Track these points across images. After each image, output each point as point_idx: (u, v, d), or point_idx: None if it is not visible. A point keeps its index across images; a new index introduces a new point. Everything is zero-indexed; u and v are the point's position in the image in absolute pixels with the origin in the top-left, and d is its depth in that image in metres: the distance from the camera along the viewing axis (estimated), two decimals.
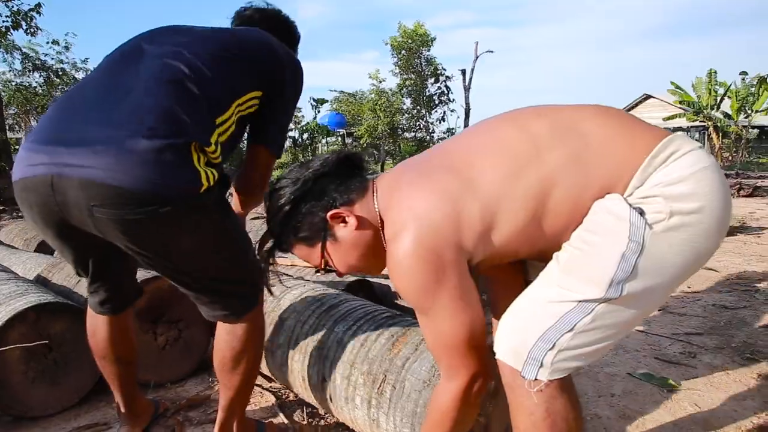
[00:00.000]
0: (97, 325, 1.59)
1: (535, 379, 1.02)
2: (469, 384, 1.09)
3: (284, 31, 1.71)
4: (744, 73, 20.09)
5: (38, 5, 10.94)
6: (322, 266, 1.24)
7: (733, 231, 5.41)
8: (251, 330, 1.45)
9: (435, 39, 19.32)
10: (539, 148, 1.05)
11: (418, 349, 1.47)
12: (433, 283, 1.04)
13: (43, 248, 3.79)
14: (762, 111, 20.46)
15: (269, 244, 1.27)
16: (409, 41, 18.90)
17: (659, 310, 2.95)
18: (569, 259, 1.04)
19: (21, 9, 10.92)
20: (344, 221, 1.16)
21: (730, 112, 20.73)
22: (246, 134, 1.57)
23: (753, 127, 23.13)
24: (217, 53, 1.35)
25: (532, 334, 1.02)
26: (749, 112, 20.72)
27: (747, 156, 22.05)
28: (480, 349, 1.09)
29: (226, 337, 1.44)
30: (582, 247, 1.02)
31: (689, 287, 3.39)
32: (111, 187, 1.11)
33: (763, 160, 20.87)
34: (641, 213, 0.98)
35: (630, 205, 0.99)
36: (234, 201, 1.68)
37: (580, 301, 1.00)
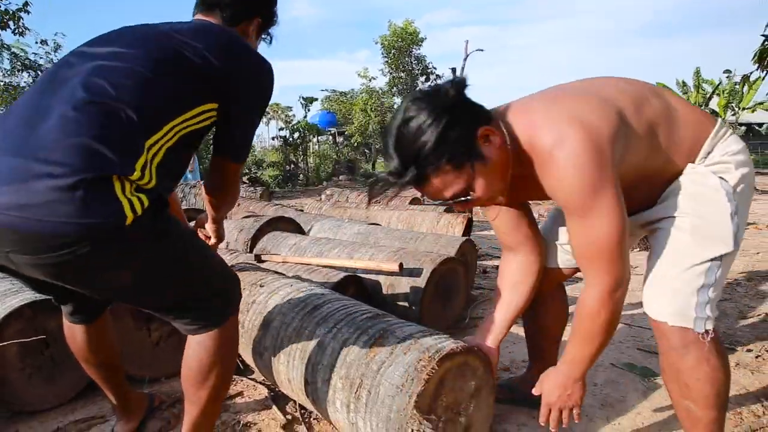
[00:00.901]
0: (74, 332, 1.58)
1: (705, 332, 1.24)
2: (614, 287, 1.23)
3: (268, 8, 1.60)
4: (728, 71, 20.32)
5: (26, 4, 10.85)
6: (463, 196, 1.21)
7: None
8: (222, 341, 1.36)
9: (425, 39, 19.38)
10: (644, 96, 1.28)
11: (393, 353, 1.48)
12: (599, 180, 1.15)
13: None
14: (749, 108, 20.72)
15: (405, 178, 1.17)
16: (399, 40, 18.94)
17: (641, 304, 3.03)
18: (694, 228, 1.25)
19: (8, 9, 10.85)
20: (489, 140, 1.20)
21: (717, 110, 20.95)
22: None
23: (740, 125, 23.37)
24: (160, 64, 1.20)
25: (691, 295, 1.24)
26: (736, 109, 20.95)
27: None
28: (624, 256, 1.21)
29: (195, 347, 1.35)
30: (701, 217, 1.25)
31: None
32: (17, 233, 0.99)
33: (750, 156, 21.08)
34: (723, 179, 1.26)
35: (715, 173, 1.26)
36: (206, 207, 1.66)
37: (713, 259, 1.23)
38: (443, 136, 1.13)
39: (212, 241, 1.81)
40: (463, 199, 1.22)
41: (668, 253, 1.29)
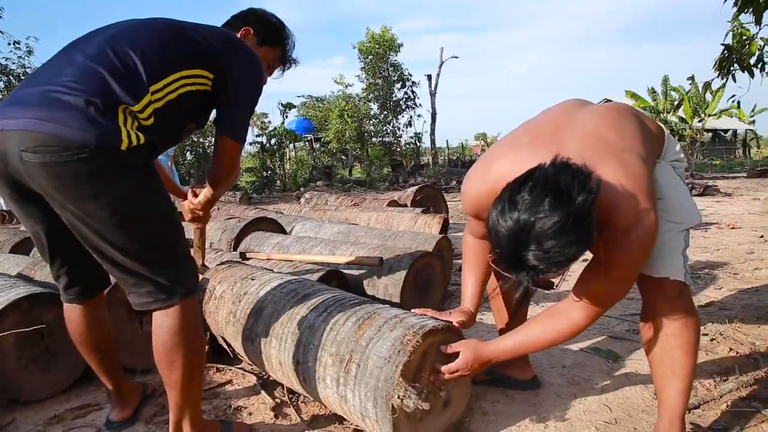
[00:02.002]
0: (72, 315, 1.69)
1: (690, 284, 1.52)
2: (584, 326, 1.47)
3: (263, 26, 1.88)
4: (691, 78, 21.02)
5: None
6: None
7: None
8: (180, 324, 1.45)
9: (402, 45, 19.61)
10: (638, 129, 1.49)
11: (381, 330, 1.60)
12: (643, 260, 1.39)
13: (15, 250, 3.84)
14: (714, 115, 21.44)
15: (526, 280, 1.20)
16: (377, 46, 19.13)
17: None
18: (672, 206, 1.50)
19: None
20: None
21: (684, 117, 21.64)
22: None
23: (706, 131, 24.13)
24: (164, 34, 1.50)
25: (678, 256, 1.50)
26: (702, 116, 21.66)
27: (701, 158, 22.99)
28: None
29: (157, 330, 1.46)
30: (673, 197, 1.51)
31: None
32: (36, 133, 1.25)
33: (716, 162, 21.81)
34: (677, 169, 1.58)
35: (672, 167, 1.57)
36: (205, 190, 1.84)
37: (687, 228, 1.53)
38: (574, 254, 1.17)
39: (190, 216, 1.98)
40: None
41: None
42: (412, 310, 1.74)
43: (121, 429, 1.82)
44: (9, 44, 12.45)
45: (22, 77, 12.85)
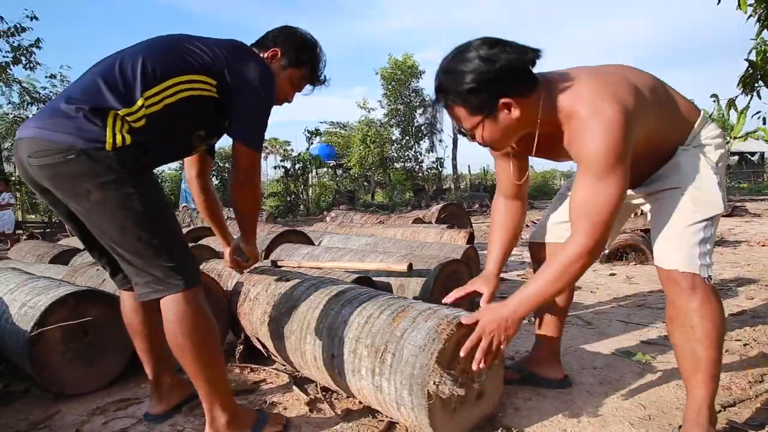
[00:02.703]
0: (124, 301, 1.81)
1: (708, 276, 1.49)
2: (591, 250, 1.41)
3: (291, 46, 1.87)
4: (714, 96, 20.82)
5: (38, 40, 11.29)
6: (469, 132, 1.50)
7: None
8: (183, 313, 1.52)
9: (424, 72, 19.90)
10: (654, 82, 1.54)
11: (415, 321, 1.65)
12: (621, 152, 1.36)
13: (54, 262, 3.98)
14: (740, 137, 21.13)
15: (438, 100, 1.49)
16: (399, 72, 19.43)
17: (638, 306, 3.20)
18: (693, 196, 1.51)
19: (21, 45, 11.23)
20: (510, 110, 1.43)
21: None
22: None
23: (732, 154, 23.78)
24: (168, 45, 1.61)
25: (695, 246, 1.49)
26: (728, 138, 21.38)
27: (728, 181, 22.62)
28: (609, 227, 1.42)
29: (164, 321, 1.55)
30: (697, 187, 1.52)
31: None
32: (35, 140, 1.44)
33: (743, 185, 21.45)
34: (707, 157, 1.54)
35: (702, 153, 1.55)
36: (242, 245, 2.04)
37: (708, 218, 1.50)
38: (472, 90, 1.39)
39: (249, 262, 2.13)
40: (468, 135, 1.52)
41: (674, 216, 1.54)
42: (444, 300, 1.79)
43: (155, 422, 1.86)
44: (46, 77, 12.98)
45: None
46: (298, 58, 1.88)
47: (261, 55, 1.80)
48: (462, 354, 1.53)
